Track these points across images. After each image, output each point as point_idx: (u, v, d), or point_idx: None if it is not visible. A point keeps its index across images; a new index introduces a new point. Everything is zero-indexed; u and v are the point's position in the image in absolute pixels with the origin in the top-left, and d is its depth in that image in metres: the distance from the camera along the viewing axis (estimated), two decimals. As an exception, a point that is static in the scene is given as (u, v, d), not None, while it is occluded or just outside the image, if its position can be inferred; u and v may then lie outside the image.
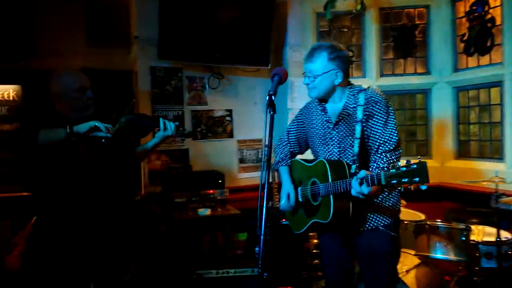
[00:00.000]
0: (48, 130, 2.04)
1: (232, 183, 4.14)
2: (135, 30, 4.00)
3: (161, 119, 2.33)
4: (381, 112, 1.97)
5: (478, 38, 4.00)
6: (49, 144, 2.03)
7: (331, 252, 2.25)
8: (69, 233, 2.17)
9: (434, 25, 4.33)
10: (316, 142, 2.16)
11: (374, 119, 1.98)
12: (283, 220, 3.67)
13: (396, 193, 2.12)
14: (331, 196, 1.91)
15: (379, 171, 1.78)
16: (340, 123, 2.05)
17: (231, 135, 4.29)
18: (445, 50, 4.28)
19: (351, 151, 2.01)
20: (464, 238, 2.76)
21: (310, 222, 2.08)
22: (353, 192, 1.80)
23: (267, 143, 1.68)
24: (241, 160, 4.32)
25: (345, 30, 4.54)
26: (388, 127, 1.97)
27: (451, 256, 2.81)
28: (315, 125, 2.16)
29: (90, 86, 2.26)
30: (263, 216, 1.66)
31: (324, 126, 2.11)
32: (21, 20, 3.69)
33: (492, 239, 2.82)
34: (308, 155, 2.33)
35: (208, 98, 4.19)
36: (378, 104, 1.98)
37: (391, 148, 1.96)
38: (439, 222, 2.89)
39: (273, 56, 4.20)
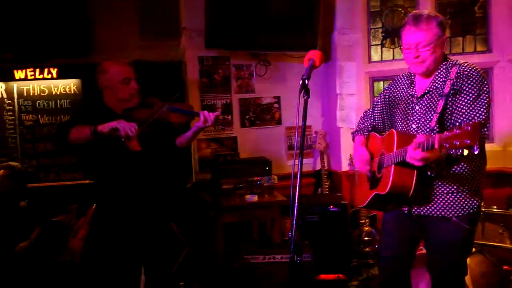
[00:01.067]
0: (78, 128, 2.17)
1: (281, 170, 4.18)
2: (184, 21, 4.14)
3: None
4: (472, 87, 1.81)
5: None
6: (81, 141, 2.17)
7: (388, 235, 2.18)
8: (124, 220, 2.33)
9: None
10: (397, 118, 2.09)
11: (463, 94, 1.82)
12: (331, 207, 3.67)
13: (476, 177, 1.94)
14: (393, 166, 1.84)
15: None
16: (425, 97, 1.95)
17: (279, 122, 4.33)
18: (507, 26, 3.96)
19: (428, 126, 1.90)
20: (522, 226, 2.60)
21: (372, 195, 2.03)
22: (407, 158, 1.70)
23: (300, 128, 1.62)
24: (290, 147, 4.35)
25: (399, 9, 4.36)
26: (478, 103, 1.79)
27: (508, 244, 2.66)
28: (399, 100, 2.09)
29: (135, 77, 2.37)
30: (296, 203, 1.61)
31: (408, 101, 2.03)
32: (80, 17, 4.01)
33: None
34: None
35: (256, 85, 4.25)
36: (471, 79, 1.82)
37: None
38: (494, 209, 2.74)
39: (321, 40, 4.15)
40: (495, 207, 2.78)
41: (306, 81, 1.65)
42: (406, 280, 2.16)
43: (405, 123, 2.03)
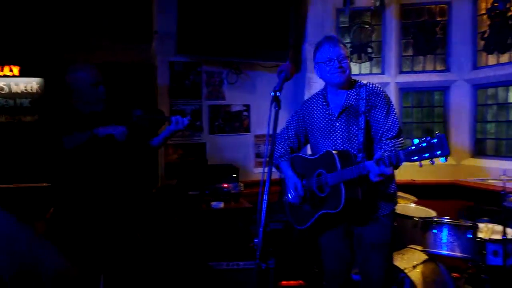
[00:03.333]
0: (74, 135, 2.20)
1: (248, 177, 4.25)
2: (155, 25, 4.14)
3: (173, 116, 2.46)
4: (382, 102, 2.08)
5: (499, 35, 3.95)
6: (75, 147, 2.20)
7: (332, 247, 2.28)
8: (84, 225, 2.30)
9: (455, 22, 4.29)
10: (318, 136, 2.20)
11: (376, 109, 2.07)
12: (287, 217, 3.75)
13: (394, 182, 2.19)
14: (342, 184, 1.94)
15: (395, 150, 1.85)
16: (343, 114, 2.11)
17: (248, 130, 4.40)
18: (465, 47, 4.24)
19: (355, 141, 2.07)
20: (470, 236, 2.78)
21: (318, 214, 2.10)
22: (372, 176, 1.83)
23: (270, 138, 1.71)
24: (258, 155, 4.43)
25: (366, 26, 4.56)
26: (390, 116, 2.07)
27: (457, 253, 2.84)
28: (316, 119, 2.21)
29: (103, 81, 2.38)
30: (264, 210, 1.72)
31: (326, 119, 2.16)
32: (46, 15, 3.90)
33: (500, 237, 2.82)
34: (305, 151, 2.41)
35: (226, 93, 4.31)
36: (380, 95, 2.09)
37: (394, 135, 2.04)
38: (446, 219, 2.92)
39: (292, 52, 4.27)
40: (447, 217, 2.95)
41: (278, 93, 1.74)
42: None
43: (328, 140, 2.15)
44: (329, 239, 2.28)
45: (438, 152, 1.58)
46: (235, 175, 3.84)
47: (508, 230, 2.90)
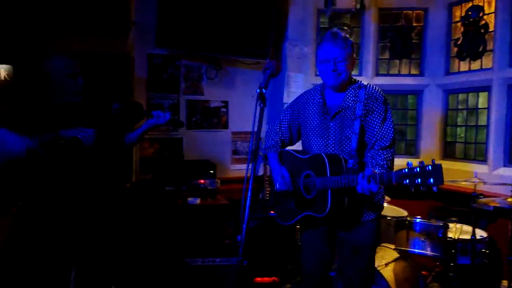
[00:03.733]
0: (39, 136, 2.12)
1: (225, 174, 4.24)
2: (133, 15, 4.03)
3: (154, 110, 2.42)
4: (380, 109, 2.01)
5: (471, 43, 4.10)
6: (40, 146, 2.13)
7: (313, 246, 2.26)
8: (55, 218, 2.25)
9: (431, 28, 4.42)
10: (310, 133, 2.15)
11: (373, 115, 2.01)
12: (272, 212, 3.77)
13: (382, 189, 2.17)
14: (329, 190, 1.91)
15: (385, 170, 1.82)
16: (338, 115, 2.06)
17: (225, 127, 4.37)
18: (439, 53, 4.37)
19: (347, 145, 2.03)
20: (441, 235, 2.89)
21: (302, 215, 2.09)
22: (359, 189, 1.79)
23: (255, 135, 1.72)
24: (235, 152, 4.42)
25: (345, 28, 4.61)
26: (386, 124, 2.01)
27: (428, 252, 2.94)
28: (311, 116, 2.15)
29: (82, 72, 2.32)
30: (247, 207, 1.71)
31: (321, 117, 2.10)
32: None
33: (469, 237, 2.94)
34: (296, 146, 2.35)
35: (205, 88, 4.27)
36: (379, 100, 2.02)
37: (387, 144, 2.00)
38: (418, 219, 3.01)
39: (272, 50, 4.28)
40: (419, 217, 3.04)
41: (264, 90, 1.74)
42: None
43: (320, 139, 2.11)
44: (310, 238, 2.27)
45: (431, 180, 1.54)
46: (212, 171, 3.82)
47: (477, 230, 3.02)
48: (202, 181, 3.68)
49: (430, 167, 1.54)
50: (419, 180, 1.56)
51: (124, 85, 4.15)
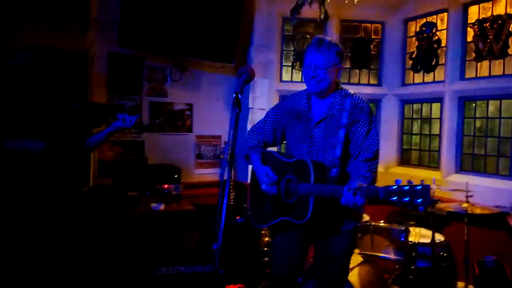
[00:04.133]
0: None
1: (188, 178, 4.16)
2: (94, 11, 3.86)
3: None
4: (365, 119, 2.00)
5: (425, 56, 4.36)
6: None
7: (286, 252, 2.21)
8: (4, 226, 2.10)
9: (388, 41, 4.64)
10: (293, 137, 2.12)
11: (358, 125, 1.99)
12: (238, 217, 3.75)
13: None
14: (312, 198, 1.87)
15: (368, 182, 1.80)
16: (322, 123, 2.04)
17: (189, 130, 4.29)
18: (395, 65, 4.60)
19: (331, 153, 2.00)
20: (403, 239, 3.02)
21: (279, 219, 2.04)
22: (343, 201, 1.75)
23: (231, 140, 1.69)
24: (199, 156, 4.35)
25: (308, 36, 4.72)
26: (370, 135, 2.00)
27: (391, 255, 3.06)
28: (295, 120, 2.12)
29: (39, 67, 2.20)
30: (223, 214, 1.63)
31: (305, 123, 2.08)
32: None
33: (428, 240, 3.11)
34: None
35: (169, 90, 4.17)
36: (364, 111, 2.00)
37: (371, 156, 1.98)
38: (382, 223, 3.13)
39: (238, 55, 4.27)
40: (382, 221, 3.17)
41: (239, 95, 1.71)
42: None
43: (302, 144, 2.08)
44: (284, 243, 2.22)
45: (419, 200, 1.52)
46: (177, 176, 3.73)
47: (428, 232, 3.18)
48: (166, 186, 3.57)
49: (419, 187, 1.53)
50: (407, 199, 1.54)
51: (81, 84, 3.95)
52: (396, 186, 1.57)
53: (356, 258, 3.19)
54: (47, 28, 3.91)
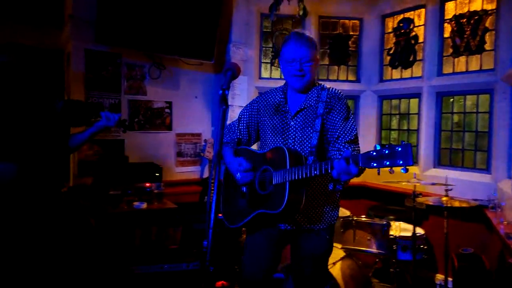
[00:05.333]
0: None
1: (169, 176, 4.10)
2: (70, 8, 3.77)
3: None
4: (342, 107, 1.99)
5: (403, 52, 4.42)
6: None
7: (257, 251, 2.15)
8: None
9: (366, 37, 4.68)
10: (269, 132, 2.09)
11: (335, 112, 1.97)
12: (220, 215, 3.72)
13: (337, 197, 2.12)
14: (287, 183, 1.81)
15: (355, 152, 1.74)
16: (299, 114, 2.02)
17: (169, 128, 4.24)
18: (373, 61, 4.65)
19: (308, 143, 1.98)
20: (384, 233, 3.06)
21: (254, 214, 1.96)
22: (335, 174, 1.65)
23: (218, 137, 1.64)
24: (179, 154, 4.30)
25: (286, 33, 4.72)
26: (349, 121, 1.98)
27: (374, 249, 3.10)
28: (271, 114, 2.10)
29: (16, 64, 2.13)
30: (212, 211, 1.60)
31: (282, 116, 2.06)
32: None
33: (408, 234, 3.16)
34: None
35: (148, 88, 4.10)
36: (341, 100, 2.00)
37: (352, 139, 1.95)
38: (363, 218, 3.16)
39: (217, 52, 4.23)
40: (364, 216, 3.21)
41: (226, 92, 1.65)
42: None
43: (279, 137, 2.05)
44: (258, 244, 2.14)
45: (400, 162, 1.44)
46: (158, 174, 3.67)
47: (408, 226, 3.24)
48: (148, 184, 3.52)
49: (399, 148, 1.45)
50: (388, 162, 1.47)
51: (57, 82, 3.84)
52: (374, 152, 1.51)
53: (338, 253, 3.21)
54: (19, 25, 3.80)
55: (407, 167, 1.44)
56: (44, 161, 2.22)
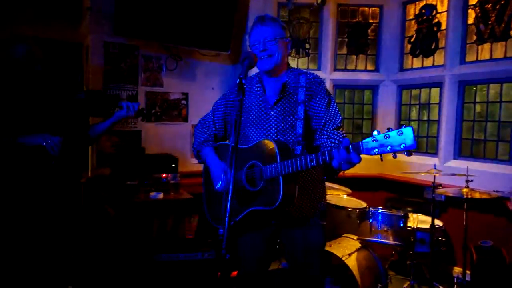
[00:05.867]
0: None
1: (185, 167, 4.12)
2: (88, 1, 3.81)
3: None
4: (323, 92, 1.94)
5: (424, 40, 4.30)
6: None
7: (251, 249, 2.09)
8: (6, 220, 2.10)
9: (386, 25, 4.57)
10: (248, 124, 2.00)
11: (317, 98, 1.93)
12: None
13: (323, 183, 2.08)
14: (281, 178, 1.75)
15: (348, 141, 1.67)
16: (279, 103, 1.95)
17: (185, 119, 4.26)
18: (393, 50, 4.54)
19: (292, 133, 1.92)
20: (402, 225, 3.01)
21: (246, 212, 1.88)
22: (336, 164, 1.60)
23: (236, 127, 1.58)
24: (195, 145, 4.32)
25: (304, 22, 4.66)
26: (332, 107, 1.93)
27: (390, 241, 3.05)
28: (249, 106, 2.01)
29: (42, 59, 2.17)
30: (229, 199, 1.50)
31: (261, 107, 1.99)
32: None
33: (426, 226, 3.10)
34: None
35: (164, 80, 4.13)
36: (321, 85, 1.95)
37: (339, 125, 1.90)
38: (380, 209, 3.12)
39: (233, 42, 4.22)
40: (380, 207, 3.15)
41: (244, 81, 1.60)
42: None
43: (261, 129, 1.97)
44: (252, 242, 2.08)
45: (402, 146, 1.41)
46: (174, 165, 3.71)
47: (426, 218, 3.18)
48: (164, 175, 3.55)
49: (400, 132, 1.42)
50: (389, 147, 1.44)
51: (77, 74, 3.92)
52: (375, 138, 1.48)
53: (354, 244, 3.19)
54: (39, 19, 3.87)
55: (410, 151, 1.41)
56: (66, 151, 2.27)
